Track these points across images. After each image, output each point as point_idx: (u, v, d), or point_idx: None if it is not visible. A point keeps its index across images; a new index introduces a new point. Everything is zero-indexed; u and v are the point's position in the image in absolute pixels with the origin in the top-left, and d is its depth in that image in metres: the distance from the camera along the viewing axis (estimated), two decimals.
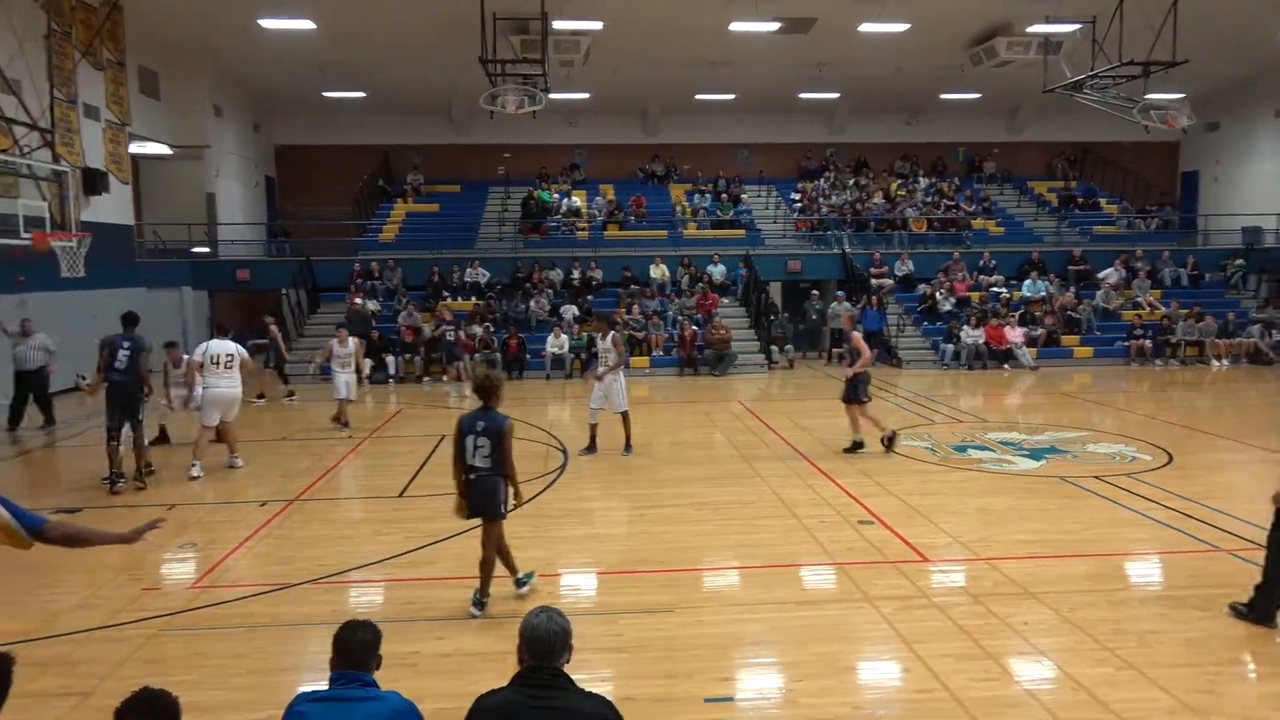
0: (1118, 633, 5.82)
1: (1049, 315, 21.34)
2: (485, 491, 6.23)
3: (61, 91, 16.86)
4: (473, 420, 6.23)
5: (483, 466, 6.20)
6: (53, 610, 6.43)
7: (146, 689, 2.94)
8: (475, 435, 6.18)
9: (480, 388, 6.36)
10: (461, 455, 6.21)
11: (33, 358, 13.68)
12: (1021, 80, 24.00)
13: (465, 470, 6.23)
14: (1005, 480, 10.04)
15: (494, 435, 6.17)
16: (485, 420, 6.21)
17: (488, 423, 6.20)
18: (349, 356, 13.75)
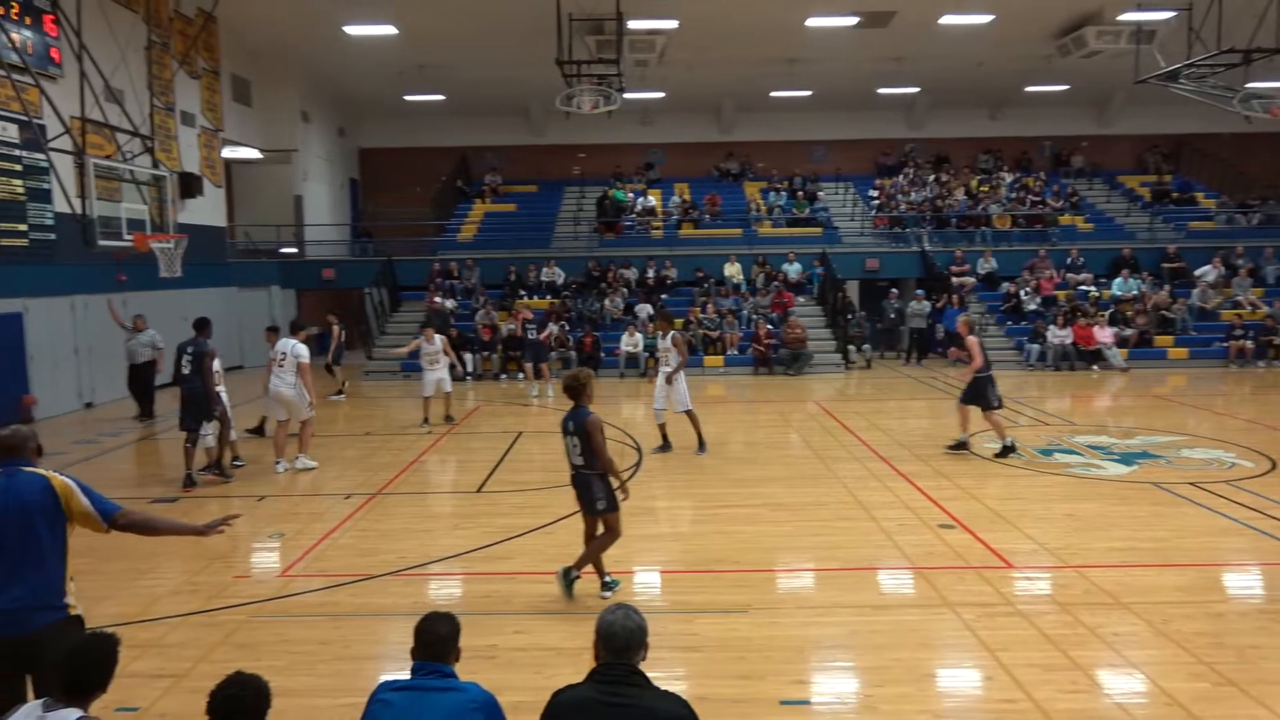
0: (1216, 646, 5.56)
1: (1141, 315, 20.51)
2: (582, 488, 6.48)
3: (160, 100, 17.63)
4: (565, 420, 6.47)
5: (579, 464, 6.42)
6: (151, 595, 6.73)
7: (239, 673, 3.05)
8: (568, 435, 6.43)
9: (568, 387, 6.52)
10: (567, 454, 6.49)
11: (142, 353, 14.75)
12: (1112, 71, 23.10)
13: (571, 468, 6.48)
14: (1094, 485, 9.70)
15: (580, 433, 6.33)
16: (574, 419, 6.39)
17: (576, 421, 6.37)
18: (436, 354, 14.00)
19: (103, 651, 3.19)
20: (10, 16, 14.10)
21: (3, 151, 14.27)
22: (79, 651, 3.16)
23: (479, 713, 3.12)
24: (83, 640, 3.23)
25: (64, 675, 3.11)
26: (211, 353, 10.28)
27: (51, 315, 15.22)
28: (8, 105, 14.19)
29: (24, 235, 14.78)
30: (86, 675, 3.13)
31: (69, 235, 14.51)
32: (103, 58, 14.27)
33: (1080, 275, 22.56)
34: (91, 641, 3.21)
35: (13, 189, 14.52)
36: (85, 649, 3.18)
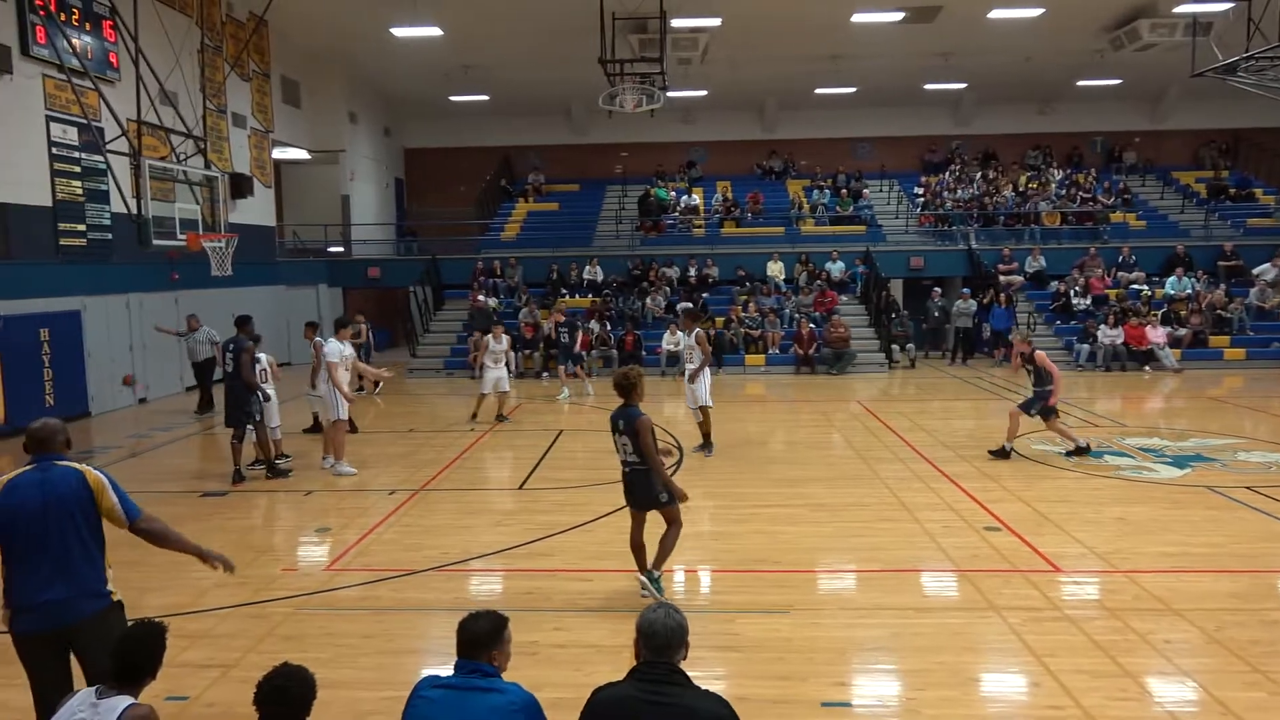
0: (1272, 655, 5.40)
1: (1196, 314, 19.99)
2: (640, 486, 6.39)
3: (213, 102, 18.02)
4: (615, 417, 6.40)
5: (633, 461, 6.36)
6: (201, 587, 6.88)
7: (286, 664, 3.11)
8: (618, 434, 6.37)
9: (618, 384, 6.45)
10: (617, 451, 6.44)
11: (201, 350, 15.24)
12: (1166, 64, 22.56)
13: (622, 466, 6.43)
14: (1145, 489, 9.48)
15: (630, 433, 6.28)
16: (624, 418, 6.34)
17: (625, 420, 6.32)
18: (502, 353, 14.15)
19: (152, 639, 3.30)
20: (71, 22, 14.52)
21: (63, 154, 14.71)
22: (129, 639, 3.27)
23: (519, 714, 3.10)
24: (133, 628, 3.33)
25: (115, 663, 3.22)
26: (249, 348, 10.40)
27: (108, 313, 15.65)
28: (68, 109, 14.62)
29: (83, 235, 15.21)
30: (137, 662, 3.24)
31: (125, 235, 14.92)
32: (158, 61, 14.63)
33: (1132, 274, 22.05)
34: (141, 629, 3.31)
35: (72, 190, 14.95)
36: (135, 637, 3.28)
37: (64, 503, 3.97)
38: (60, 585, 3.93)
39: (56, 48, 13.85)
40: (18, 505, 3.93)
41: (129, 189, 13.71)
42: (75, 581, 3.96)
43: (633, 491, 6.44)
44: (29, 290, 13.94)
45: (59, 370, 14.26)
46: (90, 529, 4.04)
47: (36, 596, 3.91)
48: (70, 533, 3.97)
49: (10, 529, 3.92)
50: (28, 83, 13.91)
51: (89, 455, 12.23)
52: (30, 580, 3.92)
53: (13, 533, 3.93)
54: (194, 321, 15.37)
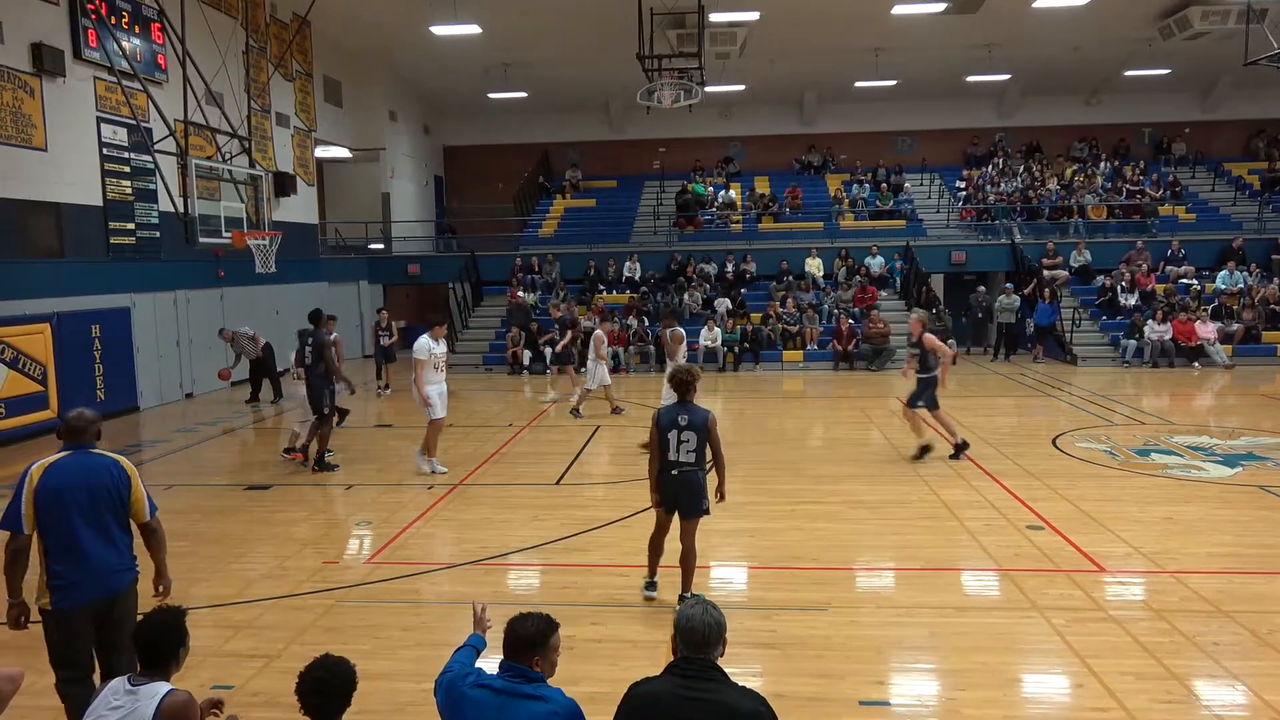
0: None
1: (1248, 309, 19.47)
2: (692, 488, 6.09)
3: (257, 102, 18.32)
4: (674, 415, 6.07)
5: (687, 462, 6.05)
6: (246, 579, 7.02)
7: (327, 655, 3.15)
8: (679, 430, 6.02)
9: (681, 382, 6.20)
10: (664, 451, 6.08)
11: (249, 350, 15.72)
12: (1218, 53, 21.99)
13: (667, 466, 6.09)
14: (1194, 488, 9.26)
15: (700, 430, 6.03)
16: (688, 414, 6.06)
17: (691, 417, 6.04)
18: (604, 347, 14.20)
19: (174, 623, 3.40)
20: (121, 25, 14.85)
21: (113, 154, 15.06)
22: (152, 626, 3.37)
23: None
24: (153, 615, 3.42)
25: (142, 649, 3.33)
26: (326, 341, 10.61)
27: (157, 309, 16.00)
28: (118, 110, 14.96)
29: (132, 234, 15.57)
30: (162, 647, 3.34)
31: (172, 233, 15.25)
32: (204, 63, 14.91)
33: (1181, 268, 21.56)
34: (161, 615, 3.42)
35: (122, 190, 15.30)
36: (157, 623, 3.38)
37: (104, 486, 4.31)
38: (107, 556, 4.29)
39: (107, 50, 14.17)
40: (63, 486, 4.25)
41: (176, 188, 14.00)
42: (117, 554, 4.34)
43: (681, 496, 6.10)
44: (81, 288, 14.31)
45: (109, 366, 14.62)
46: (124, 509, 4.39)
47: (86, 567, 4.24)
48: (109, 512, 4.32)
49: (57, 508, 4.22)
50: (79, 85, 14.27)
51: (138, 449, 12.53)
52: (77, 554, 4.23)
53: (59, 511, 4.23)
54: (227, 333, 15.85)
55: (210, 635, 5.99)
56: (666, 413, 6.14)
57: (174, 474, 11.19)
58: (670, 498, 6.15)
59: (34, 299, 13.39)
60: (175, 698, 3.19)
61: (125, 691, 3.21)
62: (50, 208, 13.81)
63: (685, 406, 6.12)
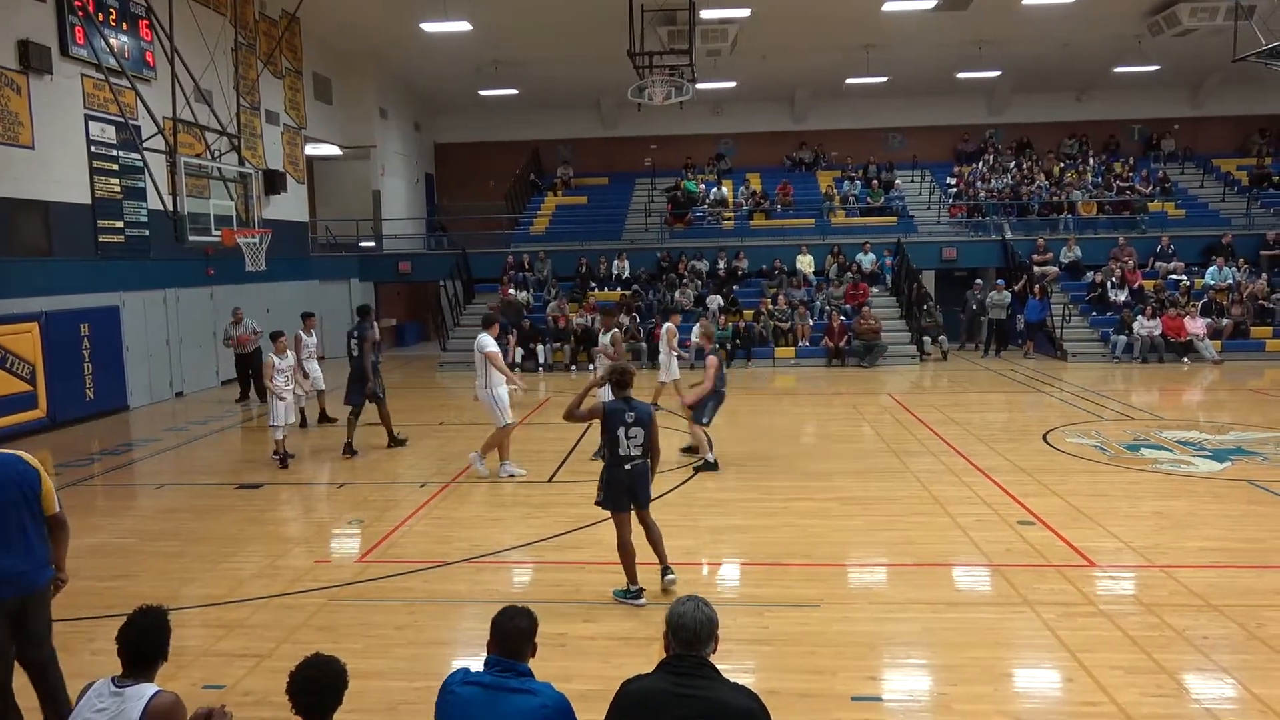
0: None
1: (1237, 305, 19.57)
2: (644, 479, 6.40)
3: (246, 99, 18.24)
4: (621, 412, 6.29)
5: (637, 455, 6.31)
6: (237, 578, 7.00)
7: (318, 655, 3.13)
8: (627, 426, 6.25)
9: (622, 379, 6.50)
10: (614, 448, 6.28)
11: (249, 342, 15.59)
12: (1207, 49, 22.08)
13: (620, 462, 6.28)
14: (1184, 483, 9.31)
15: (646, 424, 6.29)
16: (634, 410, 6.30)
17: (638, 413, 6.30)
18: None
19: (158, 623, 3.35)
20: (109, 23, 14.76)
21: (101, 152, 14.98)
22: (137, 627, 3.31)
23: (552, 717, 3.07)
24: (138, 616, 3.36)
25: (128, 650, 3.28)
26: (369, 335, 11.20)
27: (146, 308, 15.92)
28: (106, 108, 14.88)
29: (121, 232, 15.50)
30: (147, 648, 3.30)
31: (162, 231, 15.17)
32: (193, 60, 14.83)
33: (1171, 264, 21.65)
34: (146, 617, 3.36)
35: (110, 188, 15.21)
36: (142, 624, 3.33)
37: (13, 483, 4.26)
38: (20, 557, 4.24)
39: (95, 48, 14.08)
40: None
41: (165, 186, 13.93)
42: (31, 555, 4.30)
43: (636, 488, 6.33)
44: (70, 287, 14.23)
45: (98, 365, 14.55)
46: (35, 508, 4.34)
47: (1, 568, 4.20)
48: (24, 510, 4.27)
49: None
50: (67, 82, 14.18)
51: (128, 449, 12.48)
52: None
53: None
54: (240, 313, 15.72)
55: (201, 635, 5.97)
56: (614, 409, 6.34)
57: (164, 473, 11.14)
58: (625, 492, 6.33)
59: (22, 298, 13.31)
60: (162, 699, 3.16)
61: (110, 693, 3.18)
62: (38, 206, 13.73)
63: (629, 403, 6.35)
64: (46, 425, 13.46)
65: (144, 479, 10.92)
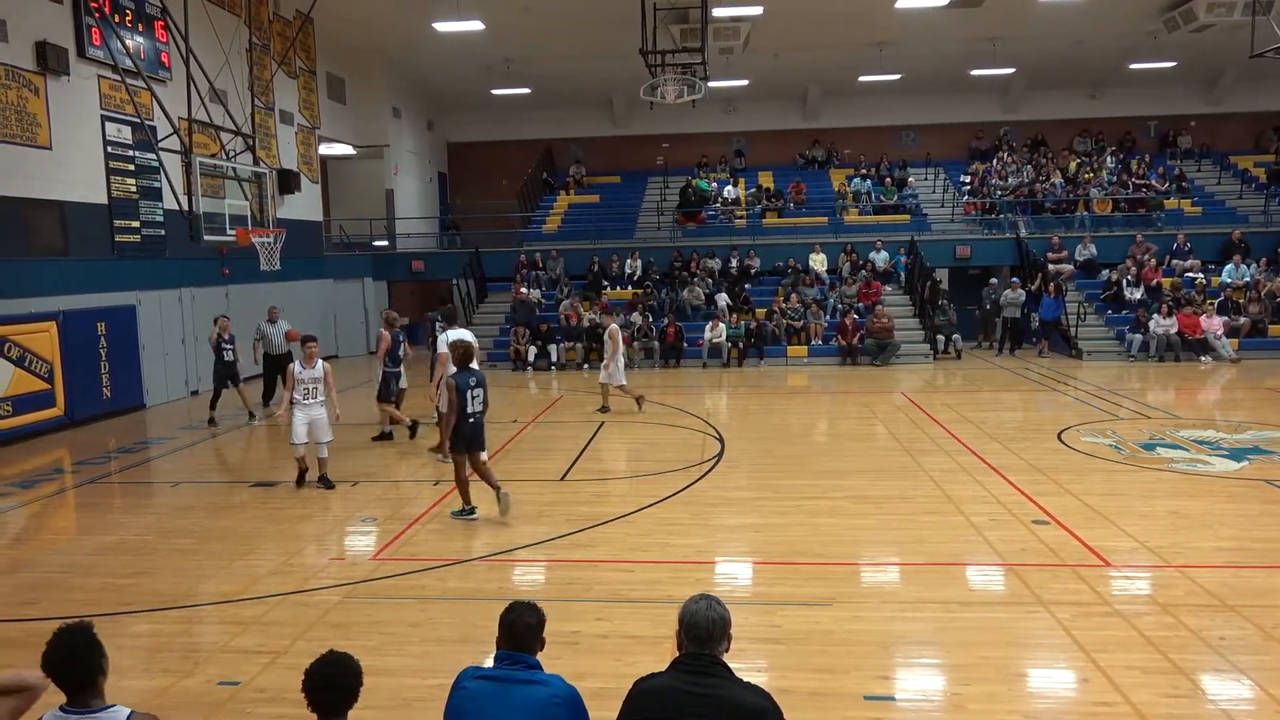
0: None
1: (1254, 303, 19.40)
2: (482, 429, 8.35)
3: (261, 99, 18.34)
4: (467, 378, 8.13)
5: (479, 411, 8.23)
6: (253, 575, 7.04)
7: (333, 652, 3.15)
8: (472, 389, 8.14)
9: (466, 355, 8.27)
10: (463, 406, 8.03)
11: (280, 343, 14.98)
12: (1224, 45, 21.93)
13: (466, 417, 8.07)
14: (1200, 482, 9.24)
15: (484, 386, 8.35)
16: (475, 376, 8.22)
17: (479, 378, 8.26)
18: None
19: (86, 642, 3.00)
20: (125, 24, 14.87)
21: (117, 152, 15.09)
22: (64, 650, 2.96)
23: (561, 708, 3.11)
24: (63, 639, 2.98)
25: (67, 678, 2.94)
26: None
27: (162, 307, 16.04)
28: (122, 108, 14.99)
29: (137, 231, 15.62)
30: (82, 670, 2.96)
31: (177, 231, 15.27)
32: (208, 61, 14.93)
33: (1187, 261, 21.48)
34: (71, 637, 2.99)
35: (126, 188, 15.33)
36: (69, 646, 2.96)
37: None
38: None
39: (111, 49, 14.19)
40: None
41: (180, 186, 14.02)
42: None
43: (475, 437, 8.21)
44: (86, 286, 14.35)
45: (115, 364, 14.66)
46: None
47: None
48: None
49: None
50: (84, 83, 14.30)
51: (144, 446, 12.58)
52: None
53: None
54: (274, 312, 15.09)
55: (217, 631, 6.02)
56: (461, 378, 8.12)
57: (180, 471, 11.22)
58: (469, 440, 8.18)
59: (40, 297, 13.43)
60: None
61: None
62: (55, 206, 13.85)
63: (470, 371, 8.23)
64: (64, 423, 13.58)
65: (160, 477, 11.01)
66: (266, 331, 14.95)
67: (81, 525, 8.88)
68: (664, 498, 9.03)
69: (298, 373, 9.62)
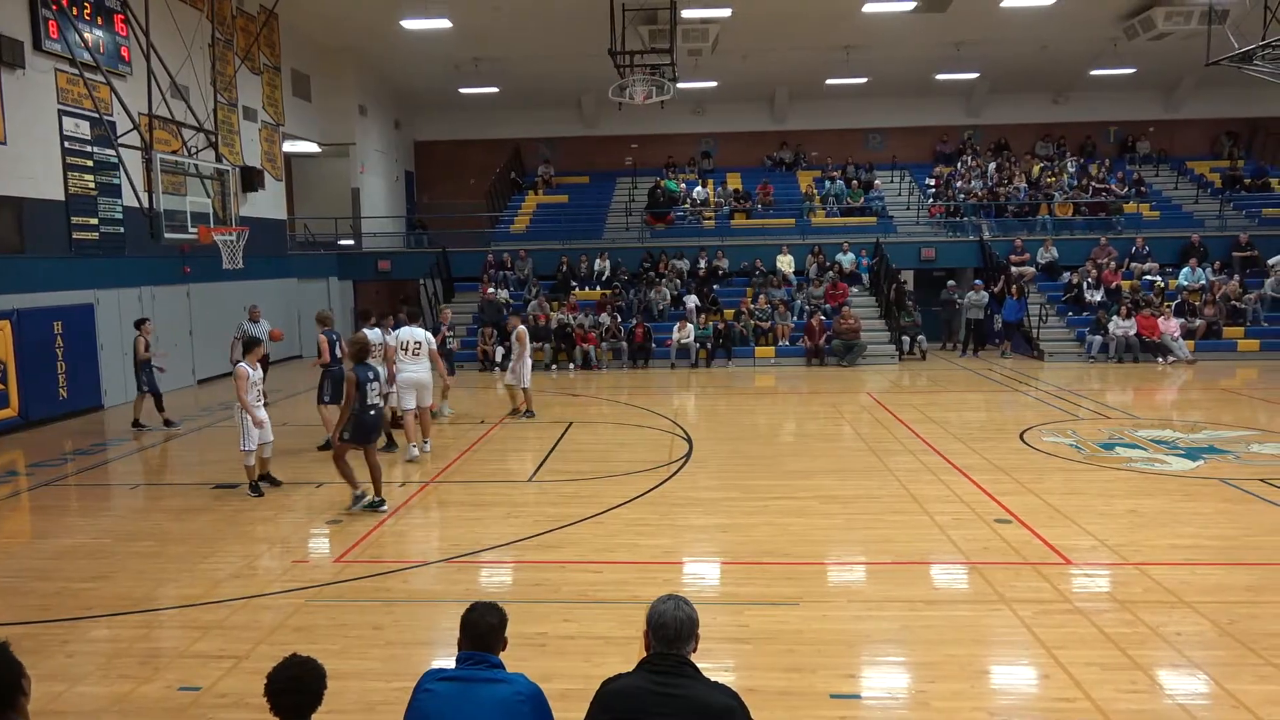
0: None
1: (1209, 305, 19.84)
2: (380, 422, 8.86)
3: (224, 95, 18.07)
4: (366, 372, 8.50)
5: (378, 404, 8.63)
6: (214, 578, 6.93)
7: (295, 655, 3.11)
8: (370, 383, 8.50)
9: (362, 350, 8.75)
10: (364, 398, 8.39)
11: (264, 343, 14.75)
12: (1181, 53, 22.37)
13: (368, 409, 8.43)
14: (1158, 481, 9.43)
15: (383, 381, 8.88)
16: (372, 371, 8.60)
17: (375, 374, 8.65)
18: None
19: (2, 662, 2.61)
20: (83, 17, 14.57)
21: (75, 148, 14.78)
22: None
23: (525, 705, 3.10)
24: None
25: None
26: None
27: (121, 306, 15.73)
28: (80, 103, 14.68)
29: (95, 229, 15.30)
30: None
31: (137, 228, 15.00)
32: (169, 55, 14.67)
33: (1145, 264, 21.91)
34: None
35: (84, 184, 15.02)
36: None
37: None
38: None
39: (68, 42, 13.90)
40: None
41: (141, 183, 13.78)
42: None
43: (374, 429, 8.63)
44: (42, 284, 14.03)
45: (72, 364, 14.36)
46: None
47: None
48: None
49: None
50: (40, 77, 13.98)
51: (102, 448, 12.34)
52: None
53: None
54: (256, 312, 14.80)
55: (177, 636, 5.92)
56: (361, 372, 8.48)
57: (139, 473, 11.02)
58: (369, 431, 8.56)
59: None
60: None
61: None
62: (11, 202, 13.52)
63: (368, 365, 8.64)
64: (19, 424, 13.28)
65: (119, 479, 10.80)
66: (249, 331, 14.60)
67: (37, 529, 8.68)
68: (632, 498, 9.03)
69: (251, 376, 9.39)
